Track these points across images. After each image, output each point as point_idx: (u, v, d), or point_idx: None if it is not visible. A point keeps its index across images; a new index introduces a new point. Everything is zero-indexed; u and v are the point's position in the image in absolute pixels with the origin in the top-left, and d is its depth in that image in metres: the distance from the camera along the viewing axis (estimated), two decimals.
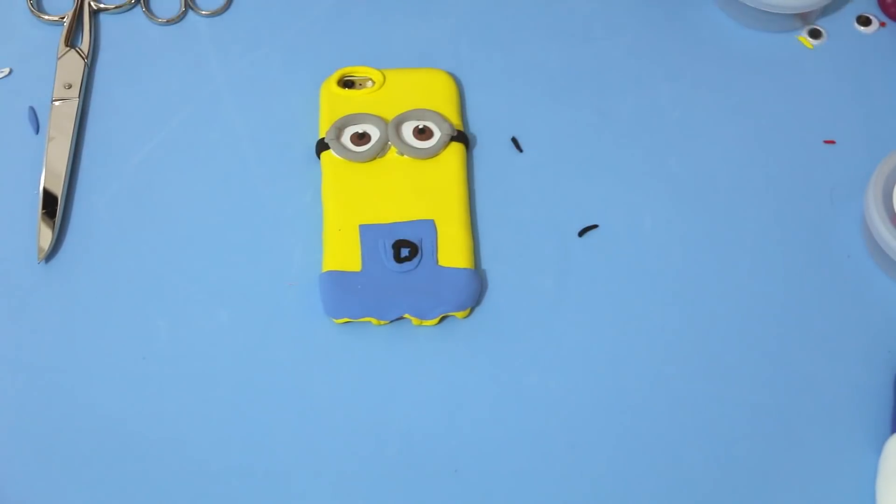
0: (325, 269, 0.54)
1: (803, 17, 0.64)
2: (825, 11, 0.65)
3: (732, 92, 0.63)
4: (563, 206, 0.58)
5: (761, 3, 0.62)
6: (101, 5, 0.64)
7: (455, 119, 0.59)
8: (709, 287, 0.56)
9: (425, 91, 0.60)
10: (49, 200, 0.56)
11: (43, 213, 0.56)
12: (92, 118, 0.60)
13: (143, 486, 0.50)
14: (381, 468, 0.51)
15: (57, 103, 0.60)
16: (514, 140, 0.57)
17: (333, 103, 0.59)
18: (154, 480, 0.50)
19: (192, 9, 0.64)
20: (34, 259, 0.55)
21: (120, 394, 0.52)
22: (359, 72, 0.61)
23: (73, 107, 0.60)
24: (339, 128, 0.58)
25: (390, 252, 0.54)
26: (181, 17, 0.64)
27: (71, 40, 0.62)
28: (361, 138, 0.58)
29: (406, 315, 0.53)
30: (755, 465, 0.51)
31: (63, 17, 0.63)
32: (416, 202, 0.56)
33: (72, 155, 0.58)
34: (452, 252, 0.54)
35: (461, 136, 0.58)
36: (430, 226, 0.55)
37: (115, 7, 0.64)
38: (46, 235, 0.56)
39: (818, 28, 0.65)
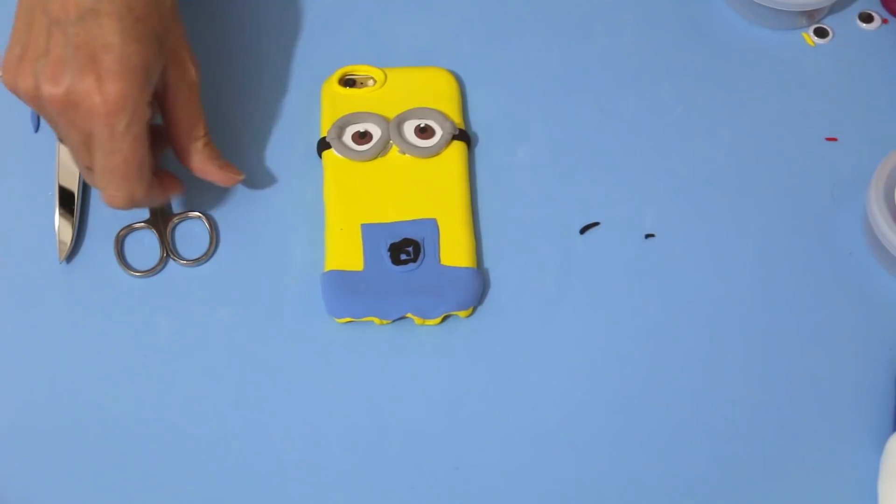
0: (326, 269, 0.54)
1: (810, 15, 0.64)
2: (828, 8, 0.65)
3: (734, 89, 0.63)
4: (565, 203, 0.58)
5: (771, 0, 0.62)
6: None
7: (456, 118, 0.59)
8: (710, 285, 0.56)
9: (427, 90, 0.60)
10: (66, 201, 0.56)
11: (62, 212, 0.56)
12: None
13: (145, 482, 0.50)
14: (384, 465, 0.51)
15: None
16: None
17: (335, 102, 0.59)
18: (156, 477, 0.50)
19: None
20: (42, 258, 0.55)
21: (121, 392, 0.52)
22: (360, 70, 0.61)
23: None
24: (340, 127, 0.58)
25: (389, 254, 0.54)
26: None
27: None
28: (363, 137, 0.58)
29: (408, 314, 0.54)
30: (757, 462, 0.52)
31: None
32: (417, 201, 0.56)
33: None
34: (454, 251, 0.55)
35: (463, 135, 0.58)
36: (431, 225, 0.55)
37: None
38: (66, 235, 0.56)
39: (824, 27, 0.65)
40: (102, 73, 0.47)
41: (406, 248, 0.54)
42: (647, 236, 0.57)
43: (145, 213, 0.57)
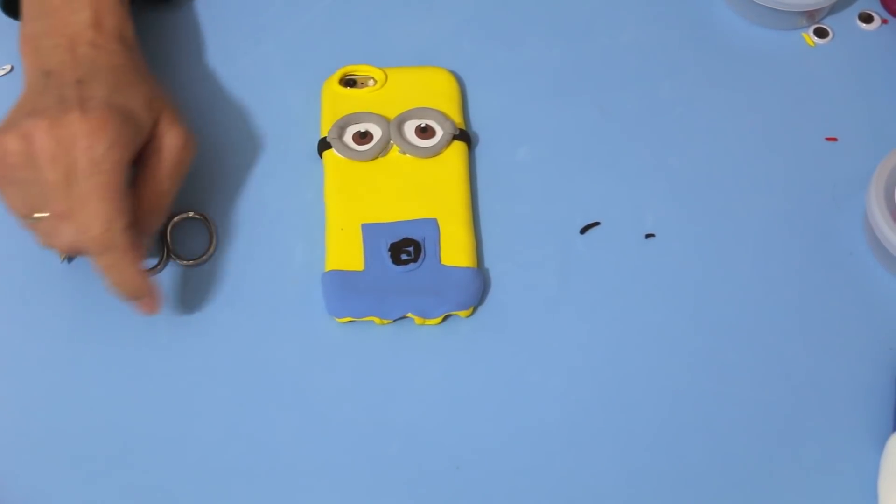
0: (327, 269, 0.54)
1: (810, 16, 0.64)
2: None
3: (734, 89, 0.63)
4: (565, 203, 0.58)
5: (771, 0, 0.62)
6: None
7: (457, 117, 0.59)
8: (710, 284, 0.56)
9: (427, 90, 0.60)
10: None
11: None
12: None
13: (145, 481, 0.50)
14: (384, 466, 0.51)
15: None
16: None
17: (335, 102, 0.59)
18: (156, 476, 0.50)
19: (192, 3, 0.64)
20: (43, 258, 0.55)
21: (121, 392, 0.52)
22: (360, 70, 0.61)
23: None
24: (340, 127, 0.58)
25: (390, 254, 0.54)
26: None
27: None
28: (363, 137, 0.58)
29: (409, 314, 0.54)
30: (757, 462, 0.52)
31: None
32: (418, 201, 0.56)
33: None
34: (455, 251, 0.55)
35: (463, 135, 0.58)
36: (432, 225, 0.55)
37: None
38: None
39: (824, 27, 0.65)
40: (87, 108, 0.50)
41: (406, 247, 0.55)
42: (648, 236, 0.57)
43: None
